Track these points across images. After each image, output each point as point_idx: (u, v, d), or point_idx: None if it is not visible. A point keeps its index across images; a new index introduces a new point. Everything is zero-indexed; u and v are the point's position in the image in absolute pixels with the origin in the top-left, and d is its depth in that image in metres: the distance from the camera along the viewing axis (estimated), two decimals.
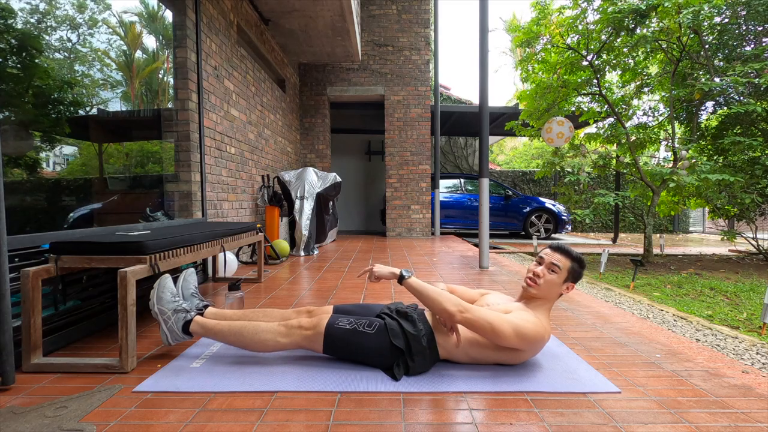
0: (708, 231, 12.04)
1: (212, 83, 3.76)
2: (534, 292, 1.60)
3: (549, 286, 1.59)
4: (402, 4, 7.58)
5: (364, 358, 1.59)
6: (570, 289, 1.62)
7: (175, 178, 3.32)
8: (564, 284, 1.60)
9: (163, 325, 1.67)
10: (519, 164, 18.85)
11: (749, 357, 1.82)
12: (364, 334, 1.56)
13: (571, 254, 1.60)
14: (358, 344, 1.56)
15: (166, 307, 1.67)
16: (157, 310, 1.66)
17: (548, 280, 1.58)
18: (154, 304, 1.67)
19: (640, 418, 1.27)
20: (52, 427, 1.20)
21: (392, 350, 1.54)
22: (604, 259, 3.99)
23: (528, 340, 1.49)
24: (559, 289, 1.60)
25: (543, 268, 1.60)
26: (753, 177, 4.85)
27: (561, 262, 1.58)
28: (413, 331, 1.56)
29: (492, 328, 1.46)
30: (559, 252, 1.61)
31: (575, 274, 1.61)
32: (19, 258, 1.68)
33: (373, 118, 9.17)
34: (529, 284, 1.61)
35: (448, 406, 1.34)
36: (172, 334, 1.67)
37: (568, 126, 5.47)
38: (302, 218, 5.09)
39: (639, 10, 4.74)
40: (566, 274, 1.59)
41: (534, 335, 1.49)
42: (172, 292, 1.71)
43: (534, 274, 1.60)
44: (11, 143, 2.02)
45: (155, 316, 1.67)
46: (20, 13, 2.09)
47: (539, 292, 1.59)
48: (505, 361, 1.59)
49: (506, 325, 1.47)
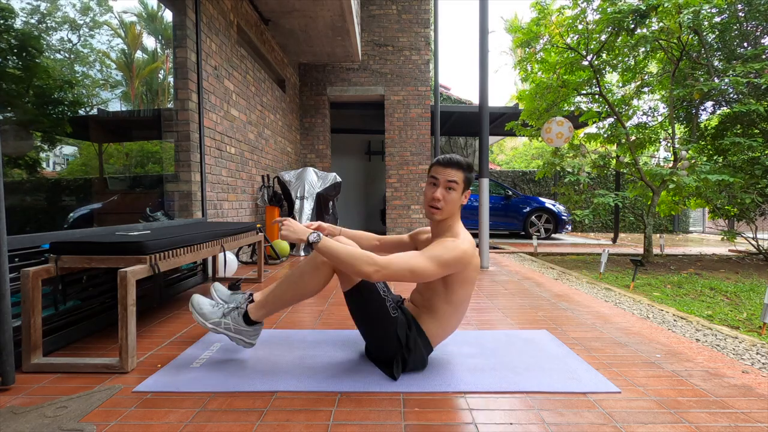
0: (708, 231, 12.04)
1: (212, 83, 3.76)
2: (439, 217, 1.55)
3: (453, 204, 1.54)
4: (402, 4, 7.58)
5: (371, 330, 1.58)
6: (467, 196, 1.58)
7: (175, 178, 3.32)
8: (462, 195, 1.57)
9: (226, 333, 1.63)
10: (519, 164, 18.86)
11: (749, 357, 1.82)
12: (387, 310, 1.54)
13: (462, 164, 1.54)
14: (376, 314, 1.54)
15: (216, 316, 1.63)
16: (211, 326, 1.63)
17: (450, 199, 1.53)
18: (206, 324, 1.63)
19: (640, 418, 1.27)
20: (52, 427, 1.20)
21: (395, 340, 1.53)
22: (604, 259, 3.99)
23: (452, 263, 1.45)
24: (460, 201, 1.56)
25: (441, 189, 1.53)
26: (753, 177, 4.85)
27: (456, 176, 1.52)
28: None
29: (412, 271, 1.42)
30: (450, 166, 1.53)
31: (469, 180, 1.57)
32: (19, 258, 1.68)
33: (373, 118, 9.16)
34: (433, 213, 1.54)
35: (448, 406, 1.34)
36: (243, 335, 1.64)
37: (568, 126, 5.47)
38: (302, 218, 5.09)
39: (639, 11, 4.74)
40: (463, 185, 1.55)
41: (455, 256, 1.45)
42: (209, 303, 1.68)
43: (435, 199, 1.52)
44: (11, 143, 2.02)
45: (215, 332, 1.63)
46: (21, 13, 2.09)
47: (444, 215, 1.55)
48: (456, 292, 1.54)
49: (425, 262, 1.43)
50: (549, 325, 2.24)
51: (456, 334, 2.05)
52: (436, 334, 1.60)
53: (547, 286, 3.29)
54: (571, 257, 5.71)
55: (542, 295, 2.98)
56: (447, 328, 1.61)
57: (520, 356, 1.75)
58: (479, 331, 2.11)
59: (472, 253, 1.51)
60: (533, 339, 1.98)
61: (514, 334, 2.07)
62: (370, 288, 1.54)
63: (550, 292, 3.06)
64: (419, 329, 1.58)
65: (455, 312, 1.58)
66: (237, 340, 1.65)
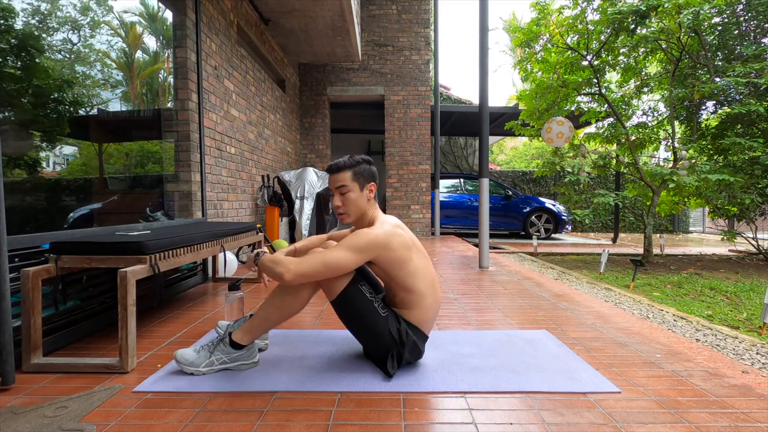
0: (708, 231, 12.04)
1: (212, 83, 3.76)
2: (350, 219, 1.60)
3: (354, 204, 1.58)
4: (402, 4, 7.58)
5: (365, 333, 1.57)
6: (373, 189, 1.61)
7: (175, 178, 3.32)
8: (363, 191, 1.59)
9: (224, 368, 1.58)
10: (519, 164, 18.85)
11: (749, 357, 1.82)
12: (377, 310, 1.54)
13: (342, 165, 1.58)
14: (367, 317, 1.54)
15: (204, 359, 1.57)
16: (205, 369, 1.56)
17: (348, 201, 1.57)
18: (200, 370, 1.55)
19: (640, 418, 1.27)
20: (52, 427, 1.20)
21: (389, 337, 1.54)
22: (604, 259, 3.99)
23: (365, 247, 1.47)
24: (363, 198, 1.59)
25: (337, 196, 1.59)
26: (753, 177, 4.85)
27: (342, 179, 1.57)
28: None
29: (325, 263, 1.44)
30: (335, 172, 1.58)
31: (364, 173, 1.59)
32: (19, 258, 1.68)
33: (373, 118, 9.17)
34: (343, 219, 1.61)
35: (448, 406, 1.34)
36: (240, 360, 1.58)
37: (568, 126, 5.47)
38: (302, 218, 5.09)
39: (639, 11, 4.74)
40: (356, 182, 1.58)
41: (367, 240, 1.47)
42: (191, 350, 1.60)
43: (336, 207, 1.59)
44: (11, 143, 2.02)
45: (214, 373, 1.57)
46: (21, 14, 2.09)
47: (353, 216, 1.59)
48: (403, 277, 1.55)
49: (337, 252, 1.45)
50: (549, 325, 2.24)
51: (456, 334, 2.05)
52: (420, 320, 1.61)
53: (547, 286, 3.29)
54: (571, 257, 5.71)
55: (542, 295, 2.98)
56: (427, 311, 1.61)
57: (520, 356, 1.75)
58: (479, 331, 2.11)
59: (388, 235, 1.51)
60: (533, 339, 1.98)
61: (514, 334, 2.07)
62: (356, 293, 1.54)
63: (550, 292, 3.06)
64: (406, 322, 1.60)
65: (422, 294, 1.58)
66: (238, 367, 1.61)
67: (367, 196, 1.60)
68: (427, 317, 1.62)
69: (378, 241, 1.49)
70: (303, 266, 1.44)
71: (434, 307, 1.64)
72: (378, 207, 1.67)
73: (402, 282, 1.56)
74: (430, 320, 1.64)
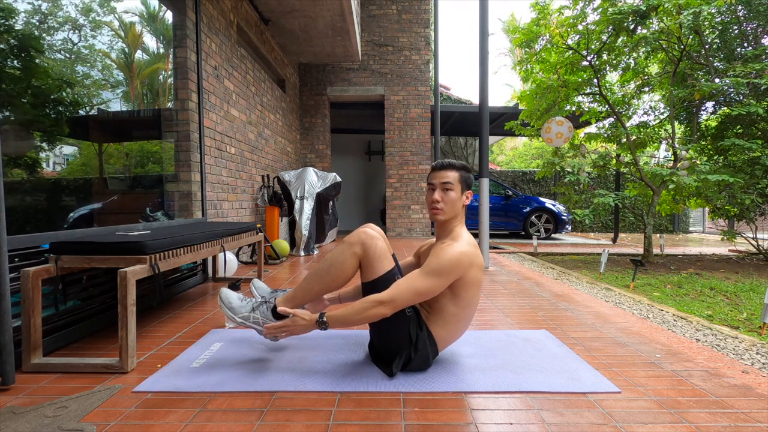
0: (708, 231, 12.04)
1: (212, 83, 3.76)
2: (442, 218, 1.61)
3: (452, 204, 1.60)
4: (402, 4, 7.58)
5: (383, 324, 1.55)
6: (469, 196, 1.64)
7: (175, 178, 3.32)
8: (463, 195, 1.63)
9: (254, 327, 1.60)
10: (519, 164, 18.86)
11: (749, 357, 1.82)
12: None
13: (455, 165, 1.62)
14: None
15: (245, 311, 1.61)
16: (240, 319, 1.61)
17: (448, 199, 1.59)
18: (235, 317, 1.60)
19: (640, 418, 1.27)
20: (52, 427, 1.20)
21: (406, 337, 1.53)
22: (604, 259, 3.99)
23: (450, 269, 1.48)
24: (460, 202, 1.62)
25: (438, 191, 1.61)
26: (753, 177, 4.85)
27: (450, 177, 1.60)
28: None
29: (418, 293, 1.46)
30: (443, 169, 1.62)
31: (467, 180, 1.63)
32: (19, 258, 1.68)
33: (373, 118, 9.17)
34: (436, 213, 1.62)
35: (448, 406, 1.34)
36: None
37: (568, 126, 5.47)
38: (302, 218, 5.09)
39: (639, 11, 4.74)
40: (460, 185, 1.61)
41: (451, 262, 1.48)
42: (237, 297, 1.66)
43: (434, 201, 1.60)
44: (11, 143, 2.02)
45: (243, 326, 1.61)
46: (22, 13, 2.09)
47: (447, 215, 1.61)
48: (461, 294, 1.55)
49: (425, 280, 1.47)
50: (549, 325, 2.24)
51: None
52: (443, 338, 1.60)
53: (547, 286, 3.29)
54: (571, 257, 5.71)
55: (542, 295, 2.98)
56: (454, 332, 1.61)
57: (520, 356, 1.75)
58: (479, 331, 2.11)
59: (472, 256, 1.52)
60: (533, 339, 1.98)
61: (514, 333, 2.07)
62: (391, 281, 1.54)
63: (550, 292, 3.06)
64: (429, 332, 1.58)
65: (463, 314, 1.58)
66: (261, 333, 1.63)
67: (464, 202, 1.63)
68: (451, 339, 1.62)
69: (462, 262, 1.50)
70: (400, 299, 1.46)
71: (461, 330, 1.64)
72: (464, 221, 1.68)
73: (456, 298, 1.56)
74: (450, 341, 1.63)
